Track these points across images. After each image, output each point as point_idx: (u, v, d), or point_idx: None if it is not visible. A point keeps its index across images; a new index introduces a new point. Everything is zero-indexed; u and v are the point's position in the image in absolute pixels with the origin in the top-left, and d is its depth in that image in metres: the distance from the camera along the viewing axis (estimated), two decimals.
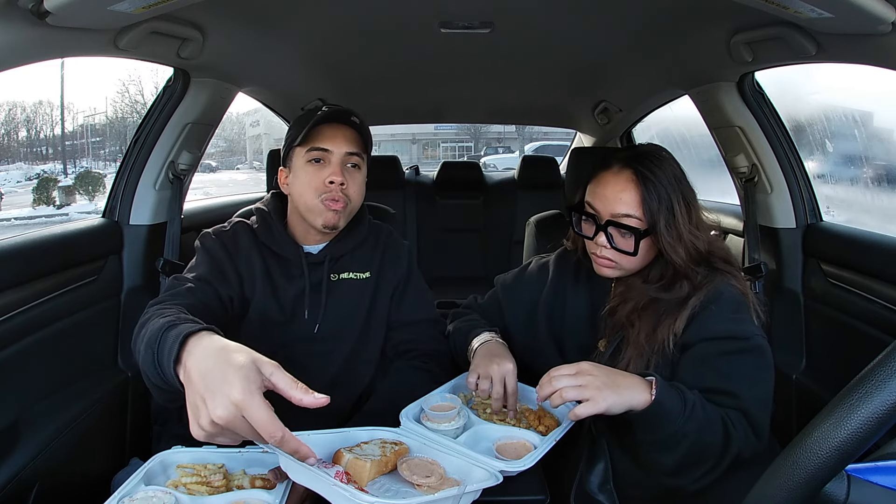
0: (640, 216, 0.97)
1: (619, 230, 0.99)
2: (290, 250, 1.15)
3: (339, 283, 1.16)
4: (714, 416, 0.86)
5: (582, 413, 0.80)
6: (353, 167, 1.13)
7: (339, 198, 1.09)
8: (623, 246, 0.99)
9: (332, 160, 1.10)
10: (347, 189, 1.10)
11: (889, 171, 2.54)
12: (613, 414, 0.81)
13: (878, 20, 0.87)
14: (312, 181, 1.09)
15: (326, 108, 1.11)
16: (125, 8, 0.93)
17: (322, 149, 1.09)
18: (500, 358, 1.02)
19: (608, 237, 0.99)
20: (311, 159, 1.10)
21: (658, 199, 0.96)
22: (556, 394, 0.81)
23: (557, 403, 0.82)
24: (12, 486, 1.05)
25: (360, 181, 1.15)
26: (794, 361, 1.48)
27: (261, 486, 0.83)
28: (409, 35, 1.57)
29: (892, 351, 0.47)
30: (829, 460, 0.45)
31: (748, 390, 0.89)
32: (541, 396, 0.84)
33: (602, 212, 1.00)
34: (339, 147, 1.10)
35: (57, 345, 1.25)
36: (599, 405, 0.79)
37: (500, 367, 1.00)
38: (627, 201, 0.97)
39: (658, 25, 1.38)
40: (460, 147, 22.63)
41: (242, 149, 20.40)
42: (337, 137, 1.10)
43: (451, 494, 0.74)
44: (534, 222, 1.70)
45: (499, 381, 0.99)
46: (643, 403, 0.81)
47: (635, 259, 1.00)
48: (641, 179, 0.97)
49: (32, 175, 14.15)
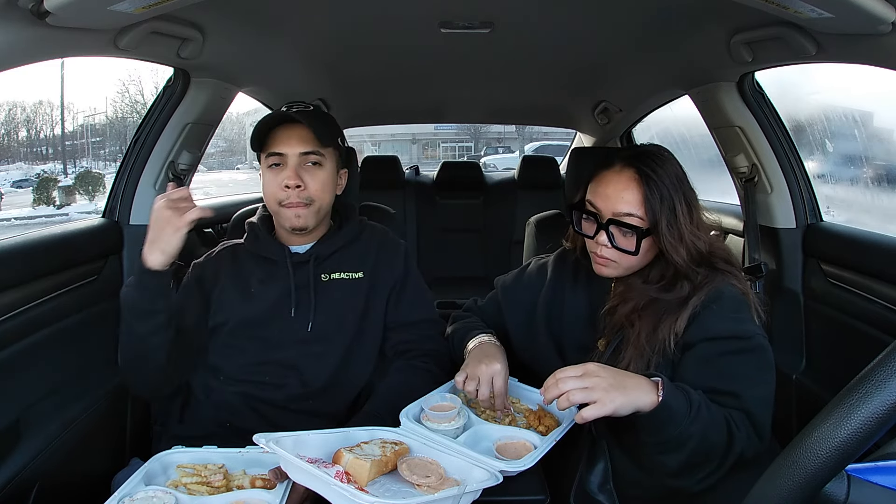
0: (642, 215, 0.97)
1: (621, 229, 0.98)
2: (276, 251, 1.16)
3: (330, 283, 1.17)
4: (718, 417, 0.86)
5: (589, 416, 0.79)
6: (314, 164, 1.13)
7: (298, 202, 1.10)
8: (624, 245, 0.99)
9: (289, 163, 1.11)
10: (307, 190, 1.11)
11: (889, 171, 2.54)
12: (620, 416, 0.80)
13: (878, 20, 0.87)
14: (270, 186, 1.12)
15: (285, 108, 1.13)
16: (125, 8, 0.93)
17: (276, 153, 1.11)
18: (490, 359, 1.02)
19: (609, 236, 0.99)
20: (271, 164, 1.12)
21: (660, 199, 0.96)
22: (563, 396, 0.80)
23: (564, 406, 0.81)
24: (12, 486, 1.05)
25: (324, 177, 1.13)
26: (794, 361, 1.48)
27: (261, 486, 0.84)
28: (409, 35, 1.57)
29: (892, 351, 0.47)
30: (829, 460, 0.45)
31: (750, 390, 0.89)
32: (547, 399, 0.83)
33: (603, 210, 1.00)
34: (293, 148, 1.10)
35: (57, 345, 1.25)
36: (607, 407, 0.78)
37: (488, 367, 0.99)
38: (630, 200, 0.97)
39: (658, 25, 1.38)
40: (460, 147, 22.61)
41: (242, 149, 20.38)
42: (291, 139, 1.11)
43: (451, 494, 0.74)
44: (534, 222, 1.70)
45: (486, 382, 0.98)
46: (650, 405, 0.80)
47: (635, 258, 1.00)
48: (644, 179, 0.97)
49: (32, 175, 14.14)
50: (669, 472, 0.86)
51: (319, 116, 1.15)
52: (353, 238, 1.21)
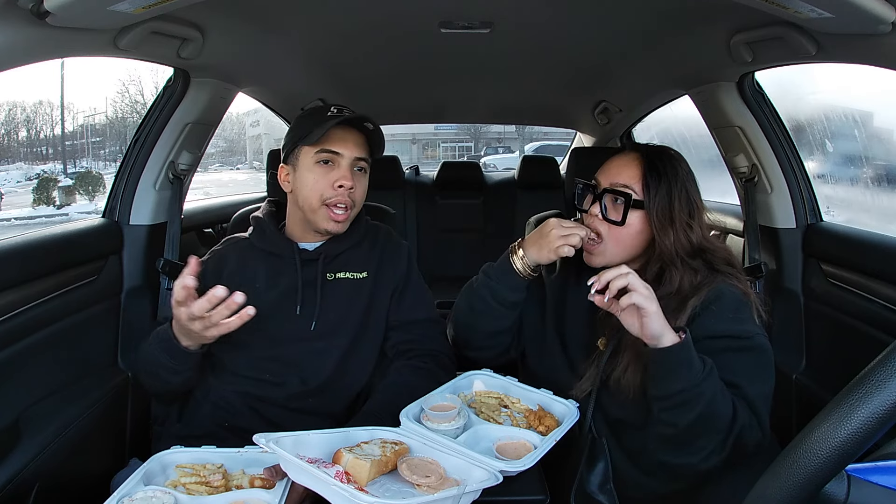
0: (638, 191, 1.01)
1: (613, 198, 1.03)
2: (284, 247, 1.17)
3: (335, 282, 1.17)
4: (724, 390, 0.88)
5: (627, 303, 0.86)
6: (360, 171, 1.15)
7: (346, 203, 1.11)
8: (614, 216, 1.02)
9: (342, 163, 1.12)
10: (354, 192, 1.13)
11: (889, 171, 2.54)
12: (649, 331, 0.86)
13: (878, 20, 0.87)
14: (320, 182, 1.11)
15: (336, 109, 1.13)
16: (125, 8, 0.93)
17: (333, 151, 1.11)
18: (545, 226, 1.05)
19: (602, 208, 1.03)
20: (321, 160, 1.11)
21: (658, 180, 1.01)
22: (621, 276, 0.87)
23: (621, 284, 0.87)
24: (12, 486, 1.05)
25: (366, 184, 1.18)
26: (794, 361, 1.48)
27: (260, 485, 0.83)
28: (409, 35, 1.57)
29: (892, 351, 0.47)
30: (829, 460, 0.45)
31: (750, 385, 0.91)
32: (603, 280, 0.89)
33: (602, 182, 1.05)
34: (350, 151, 1.12)
35: (57, 345, 1.25)
36: (650, 307, 0.85)
37: (559, 224, 1.04)
38: (629, 175, 1.03)
39: (658, 25, 1.38)
40: (460, 147, 22.60)
41: (242, 149, 20.39)
42: (348, 141, 1.12)
43: (451, 494, 0.74)
44: (534, 222, 1.70)
45: (578, 227, 1.03)
46: (672, 340, 0.86)
47: (623, 238, 1.02)
48: (647, 161, 1.03)
49: (32, 175, 14.15)
50: (677, 435, 0.88)
51: (376, 128, 1.16)
52: (361, 238, 1.21)
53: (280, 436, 0.82)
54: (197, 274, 0.95)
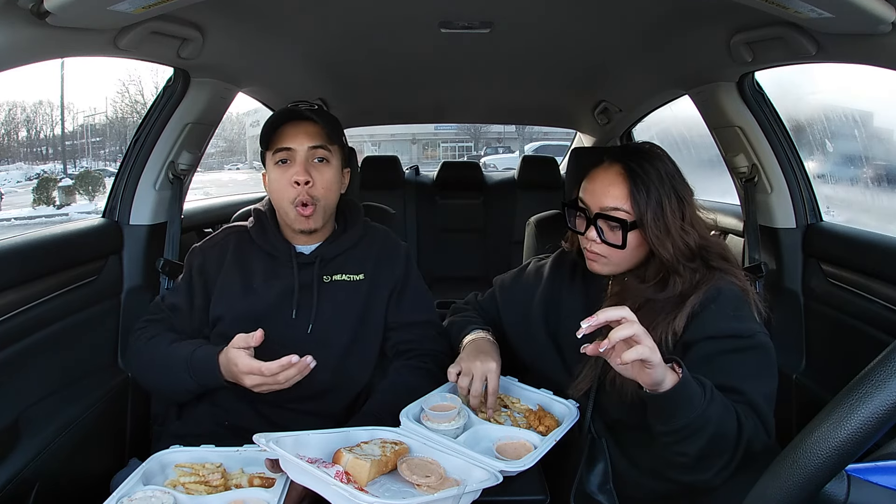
0: (629, 209, 0.98)
1: (608, 223, 1.00)
2: (281, 249, 1.16)
3: (331, 284, 1.17)
4: (728, 404, 0.86)
5: (629, 358, 0.76)
6: (321, 161, 1.13)
7: (307, 201, 1.10)
8: (612, 239, 1.00)
9: (297, 158, 1.11)
10: (314, 188, 1.10)
11: (889, 171, 2.54)
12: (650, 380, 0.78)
13: (878, 20, 0.87)
14: (281, 182, 1.11)
15: (291, 105, 1.13)
16: (125, 8, 0.93)
17: (285, 148, 1.11)
18: (485, 356, 1.03)
19: (598, 231, 1.01)
20: (278, 161, 1.12)
21: (647, 193, 0.97)
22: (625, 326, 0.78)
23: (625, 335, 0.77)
24: (12, 486, 1.05)
25: (330, 175, 1.13)
26: (794, 361, 1.48)
27: (259, 484, 0.84)
28: (409, 35, 1.57)
29: (892, 351, 0.47)
30: (829, 460, 0.45)
31: (753, 387, 0.90)
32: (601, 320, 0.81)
33: (592, 206, 1.02)
34: (301, 143, 1.11)
35: (57, 345, 1.25)
36: (656, 357, 0.77)
37: (483, 364, 1.00)
38: (616, 195, 0.99)
39: (658, 25, 1.38)
40: (460, 147, 22.61)
41: (242, 149, 20.40)
42: (298, 134, 1.11)
43: (451, 494, 0.74)
44: (534, 222, 1.70)
45: (479, 378, 0.99)
46: (672, 381, 0.80)
47: (625, 254, 1.00)
48: (630, 174, 0.99)
49: (32, 175, 14.15)
50: (688, 462, 0.85)
51: (326, 114, 1.16)
52: (358, 240, 1.21)
53: (280, 436, 0.82)
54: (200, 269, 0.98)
